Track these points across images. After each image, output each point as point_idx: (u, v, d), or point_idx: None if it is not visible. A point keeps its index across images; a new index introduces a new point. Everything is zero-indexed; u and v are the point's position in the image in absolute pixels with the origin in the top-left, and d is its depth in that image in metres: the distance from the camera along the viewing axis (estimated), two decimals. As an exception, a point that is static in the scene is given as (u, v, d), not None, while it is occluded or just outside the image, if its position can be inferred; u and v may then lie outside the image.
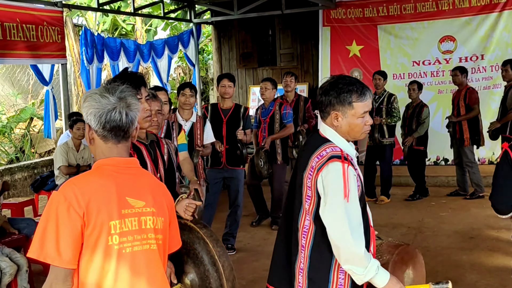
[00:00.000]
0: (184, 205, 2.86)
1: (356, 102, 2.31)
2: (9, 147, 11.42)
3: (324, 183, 2.24)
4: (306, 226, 2.34)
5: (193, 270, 2.80)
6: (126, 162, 1.98)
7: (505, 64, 7.43)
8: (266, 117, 6.43)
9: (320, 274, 2.32)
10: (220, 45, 11.90)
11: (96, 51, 8.71)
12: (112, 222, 1.86)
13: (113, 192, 1.88)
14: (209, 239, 2.72)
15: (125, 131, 1.94)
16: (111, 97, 1.91)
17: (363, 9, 9.81)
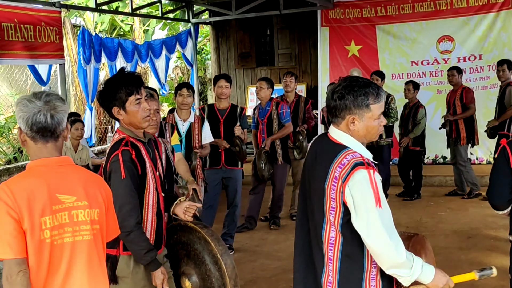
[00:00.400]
0: (183, 207, 2.86)
1: (373, 104, 2.25)
2: (7, 148, 11.41)
3: (352, 193, 2.15)
4: (332, 238, 2.25)
5: (194, 271, 2.81)
6: (57, 161, 2.14)
7: (501, 64, 7.46)
8: (263, 117, 6.41)
9: (353, 285, 2.25)
10: (218, 45, 11.90)
11: (94, 51, 8.70)
12: (43, 218, 2.02)
13: (44, 190, 2.03)
14: (210, 238, 2.72)
15: (52, 132, 2.10)
16: (38, 101, 2.09)
17: (361, 9, 9.82)
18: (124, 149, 2.66)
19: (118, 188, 2.62)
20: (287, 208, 7.19)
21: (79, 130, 6.56)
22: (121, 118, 2.75)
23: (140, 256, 2.68)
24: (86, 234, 2.13)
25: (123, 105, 2.72)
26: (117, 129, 2.83)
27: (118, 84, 2.72)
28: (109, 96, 2.73)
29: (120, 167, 2.63)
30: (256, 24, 11.39)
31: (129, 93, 2.71)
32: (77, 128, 6.54)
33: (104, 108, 2.80)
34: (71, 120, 6.64)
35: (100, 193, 2.22)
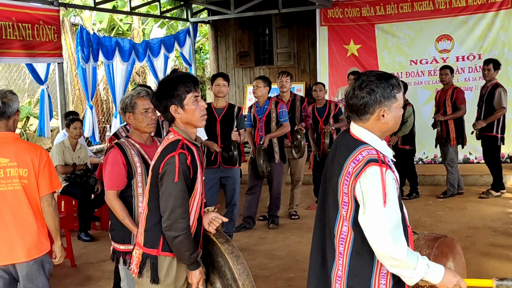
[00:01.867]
0: (209, 217, 2.84)
1: (398, 93, 2.28)
2: (6, 147, 11.38)
3: (362, 189, 2.16)
4: (344, 233, 2.27)
5: (218, 280, 2.80)
6: (2, 136, 3.17)
7: (487, 63, 7.48)
8: (262, 115, 6.39)
9: (361, 281, 2.25)
10: (217, 44, 11.89)
11: (92, 50, 8.69)
12: None
13: None
14: (229, 256, 2.69)
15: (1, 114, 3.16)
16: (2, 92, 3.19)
17: (360, 8, 9.83)
18: (181, 152, 2.63)
19: (171, 191, 2.61)
20: (285, 207, 7.19)
21: (78, 129, 6.54)
22: (178, 116, 2.71)
23: (185, 257, 2.67)
24: (16, 185, 3.12)
25: (181, 103, 2.68)
26: (171, 129, 2.78)
27: (176, 82, 2.70)
28: (166, 94, 2.69)
29: (175, 169, 2.60)
30: (255, 23, 11.39)
31: (188, 91, 2.69)
32: (76, 127, 6.52)
33: (159, 108, 2.75)
34: (69, 119, 6.63)
35: (31, 158, 3.17)
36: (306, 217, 7.03)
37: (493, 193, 7.53)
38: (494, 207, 7.07)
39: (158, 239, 2.71)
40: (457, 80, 8.97)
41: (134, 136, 3.41)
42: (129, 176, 3.28)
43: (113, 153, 3.30)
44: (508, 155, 9.18)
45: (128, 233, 3.30)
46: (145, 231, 2.75)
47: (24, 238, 3.15)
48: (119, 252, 3.38)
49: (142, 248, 2.75)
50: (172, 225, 2.60)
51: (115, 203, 3.26)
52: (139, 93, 3.37)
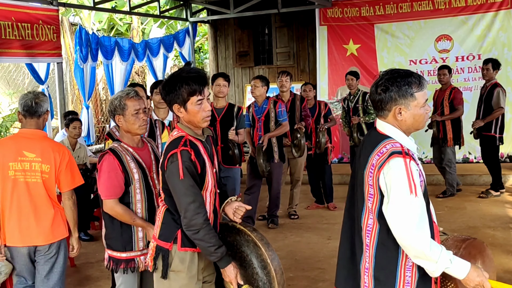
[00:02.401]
0: (233, 207, 2.83)
1: (418, 92, 2.29)
2: (5, 146, 11.38)
3: (386, 180, 2.21)
4: (370, 225, 2.31)
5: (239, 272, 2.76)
6: (31, 132, 3.56)
7: (487, 63, 7.48)
8: (261, 115, 6.38)
9: (387, 272, 2.29)
10: (217, 44, 11.89)
11: (91, 50, 8.68)
12: (11, 163, 3.47)
13: (13, 148, 3.49)
14: (261, 243, 2.69)
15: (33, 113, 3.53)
16: (30, 94, 3.57)
17: (359, 8, 9.83)
18: (183, 149, 2.61)
19: (179, 189, 2.60)
20: (285, 207, 7.19)
21: (77, 129, 6.53)
22: (181, 115, 2.70)
23: (210, 252, 2.63)
24: (38, 178, 3.50)
25: (184, 103, 2.66)
26: (176, 125, 2.77)
27: (181, 81, 2.64)
28: (170, 92, 2.67)
29: (178, 167, 2.58)
30: (254, 23, 11.38)
31: (192, 93, 2.64)
32: (75, 126, 6.52)
33: (165, 102, 2.75)
34: (68, 119, 6.63)
35: (54, 157, 3.51)
36: (305, 217, 7.03)
37: (493, 193, 7.53)
38: (493, 207, 7.08)
39: (173, 234, 2.70)
40: (456, 80, 8.98)
41: (125, 140, 3.25)
42: (126, 182, 3.16)
43: (109, 160, 3.14)
44: (508, 154, 9.18)
45: (129, 240, 3.21)
46: (162, 223, 2.74)
47: (41, 225, 3.52)
48: (119, 260, 3.24)
49: (157, 241, 2.74)
50: (189, 222, 2.60)
51: (119, 208, 3.14)
52: (128, 93, 3.21)
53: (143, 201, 3.21)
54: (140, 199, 3.19)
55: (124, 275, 3.25)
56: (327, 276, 4.86)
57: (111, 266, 3.27)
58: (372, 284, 2.31)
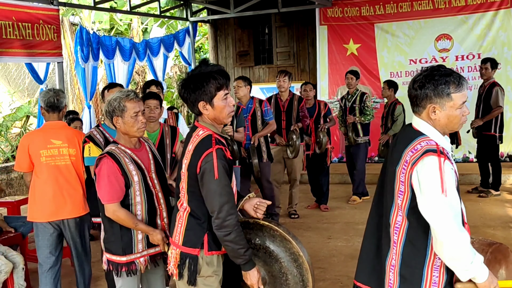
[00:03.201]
0: (253, 204, 2.76)
1: (455, 93, 2.21)
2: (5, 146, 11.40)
3: (419, 178, 2.16)
4: (398, 222, 2.27)
5: (262, 268, 2.73)
6: (56, 124, 4.14)
7: (485, 62, 7.49)
8: (247, 115, 6.26)
9: (413, 271, 2.25)
10: (217, 44, 11.90)
11: (92, 49, 8.68)
12: (42, 151, 4.04)
13: (42, 137, 4.08)
14: (289, 236, 2.66)
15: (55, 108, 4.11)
16: (50, 91, 4.12)
17: (359, 7, 9.84)
18: (218, 147, 2.54)
19: (215, 189, 2.51)
20: (285, 206, 7.19)
21: (78, 129, 6.54)
22: (206, 113, 2.60)
23: (239, 255, 2.56)
24: (67, 160, 4.09)
25: (210, 99, 2.58)
26: (198, 124, 2.67)
27: (208, 77, 2.56)
28: (196, 89, 2.57)
29: (214, 166, 2.50)
30: (254, 23, 11.39)
31: (219, 87, 2.58)
32: (76, 126, 6.53)
33: (186, 101, 2.63)
34: (69, 119, 6.64)
35: (78, 141, 4.11)
36: (305, 217, 7.04)
37: (493, 192, 7.54)
38: (493, 206, 7.08)
39: (200, 239, 2.62)
40: (456, 80, 8.98)
41: (122, 141, 3.18)
42: (126, 185, 3.10)
43: (107, 164, 3.06)
44: (508, 154, 9.19)
45: (129, 243, 3.16)
46: (186, 230, 2.64)
47: (73, 200, 4.09)
48: (120, 264, 3.18)
49: (181, 247, 2.65)
50: (222, 223, 2.52)
51: (121, 213, 3.07)
52: (127, 95, 3.14)
53: (143, 203, 3.15)
54: (140, 201, 3.14)
55: (124, 278, 3.20)
56: (327, 276, 4.86)
57: (110, 269, 3.21)
58: (397, 281, 2.27)
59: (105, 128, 3.98)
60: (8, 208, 6.38)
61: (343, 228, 6.44)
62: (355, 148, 7.49)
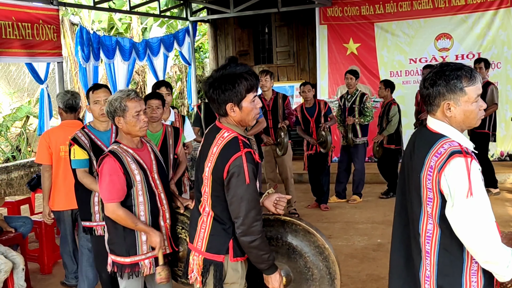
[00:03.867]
0: (273, 200, 2.70)
1: (468, 87, 2.12)
2: (5, 146, 11.41)
3: (448, 183, 2.06)
4: (430, 231, 2.16)
5: (285, 265, 2.69)
6: (72, 122, 4.53)
7: (479, 62, 7.52)
8: None
9: (451, 280, 2.15)
10: (217, 43, 11.90)
11: (92, 49, 8.69)
12: (61, 146, 4.41)
13: (61, 133, 4.44)
14: (313, 229, 2.61)
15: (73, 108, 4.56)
16: (68, 94, 4.59)
17: (359, 7, 9.84)
18: (247, 151, 2.46)
19: (243, 194, 2.42)
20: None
21: (78, 128, 6.54)
22: (233, 115, 2.49)
23: (262, 260, 2.49)
24: None
25: (239, 101, 2.46)
26: (221, 124, 2.56)
27: (239, 77, 2.44)
28: (226, 90, 2.44)
29: (244, 171, 2.41)
30: (254, 22, 11.39)
31: (249, 89, 2.47)
32: (75, 126, 6.52)
33: (213, 101, 2.50)
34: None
35: None
36: (306, 216, 7.04)
37: (492, 191, 7.55)
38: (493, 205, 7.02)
39: (225, 245, 2.52)
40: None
41: (124, 141, 3.15)
42: (128, 185, 3.06)
43: (110, 163, 3.04)
44: (508, 153, 9.19)
45: (133, 244, 3.11)
46: (210, 235, 2.55)
47: None
48: (124, 265, 3.14)
49: (204, 254, 2.56)
50: (248, 229, 2.42)
51: (121, 212, 3.03)
52: (128, 95, 3.10)
53: (145, 203, 3.11)
54: (143, 201, 3.10)
55: (128, 280, 3.15)
56: (327, 275, 4.86)
57: (116, 271, 3.17)
58: None
59: (90, 129, 3.92)
60: (9, 208, 6.39)
61: (343, 228, 6.44)
62: (353, 149, 7.49)
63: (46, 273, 5.33)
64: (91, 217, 3.90)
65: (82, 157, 3.80)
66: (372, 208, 7.26)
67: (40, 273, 5.34)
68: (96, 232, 3.91)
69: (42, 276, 5.29)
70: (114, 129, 3.95)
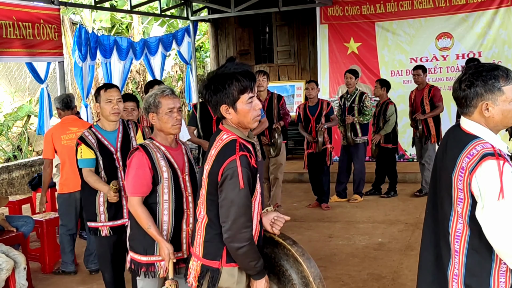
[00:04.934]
0: (270, 218, 2.62)
1: (505, 86, 2.14)
2: (7, 145, 11.41)
3: (479, 184, 2.06)
4: (459, 230, 2.18)
5: (275, 286, 2.63)
6: (70, 117, 5.27)
7: (468, 63, 7.53)
8: None
9: (479, 279, 2.16)
10: (217, 43, 11.90)
11: (90, 48, 8.68)
12: (62, 136, 5.07)
13: (62, 127, 5.16)
14: (302, 259, 2.51)
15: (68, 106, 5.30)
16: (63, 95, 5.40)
17: (360, 6, 9.84)
18: (242, 154, 2.38)
19: (233, 198, 2.36)
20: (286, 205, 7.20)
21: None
22: (229, 117, 2.45)
23: (250, 267, 2.46)
24: None
25: (233, 103, 2.41)
26: (222, 127, 2.51)
27: (230, 79, 2.39)
28: (218, 92, 2.41)
29: (238, 175, 2.34)
30: (255, 21, 11.39)
31: (242, 91, 2.41)
32: (76, 125, 6.53)
33: (208, 103, 2.48)
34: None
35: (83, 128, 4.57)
36: (307, 215, 7.04)
37: None
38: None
39: (220, 250, 2.48)
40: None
41: (158, 138, 3.11)
42: (154, 181, 3.01)
43: (138, 156, 3.01)
44: (509, 152, 9.19)
45: (151, 243, 3.05)
46: (205, 241, 2.51)
47: None
48: (140, 264, 3.09)
49: (201, 259, 2.53)
50: (235, 235, 2.37)
51: (140, 210, 2.99)
52: (163, 91, 3.09)
53: (170, 202, 3.05)
54: (168, 199, 3.04)
55: (145, 279, 3.10)
56: (328, 274, 4.87)
57: (133, 268, 3.12)
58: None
59: (97, 129, 3.91)
60: (10, 208, 6.40)
61: (344, 227, 6.45)
62: (353, 148, 7.49)
63: (47, 272, 5.34)
64: (96, 217, 3.90)
65: (89, 157, 3.84)
66: (373, 208, 7.26)
67: (41, 273, 5.35)
68: (101, 233, 3.89)
69: (44, 275, 5.30)
70: (121, 130, 3.96)
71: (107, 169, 3.88)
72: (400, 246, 5.60)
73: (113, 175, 3.87)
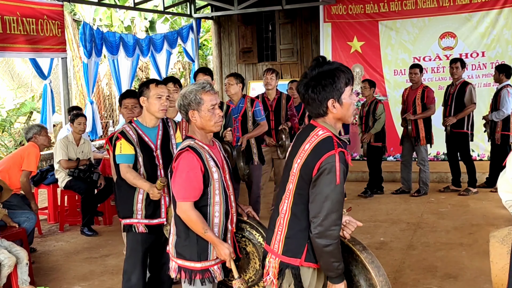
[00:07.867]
0: (342, 222, 2.50)
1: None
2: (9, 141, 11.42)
3: None
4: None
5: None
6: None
7: (455, 62, 7.59)
8: (237, 115, 5.89)
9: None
10: (220, 40, 11.89)
11: (95, 45, 8.69)
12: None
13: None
14: (370, 266, 2.42)
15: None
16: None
17: (364, 5, 9.83)
18: (341, 150, 2.33)
19: (329, 193, 2.31)
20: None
21: (82, 125, 6.56)
22: (334, 111, 2.39)
23: (332, 268, 2.37)
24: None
25: (339, 96, 2.36)
26: (316, 123, 2.45)
27: (337, 71, 2.36)
28: (327, 86, 2.35)
29: (335, 170, 2.30)
30: (258, 19, 11.38)
31: (347, 83, 2.37)
32: (80, 122, 6.54)
33: (314, 101, 2.40)
34: (73, 114, 6.66)
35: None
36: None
37: (472, 190, 7.61)
38: (496, 205, 7.08)
39: (301, 248, 2.41)
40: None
41: (198, 137, 2.92)
42: (205, 183, 2.84)
43: (188, 158, 2.80)
44: (511, 152, 9.17)
45: (206, 248, 2.88)
46: (286, 237, 2.44)
47: None
48: (194, 271, 2.88)
49: (280, 257, 2.44)
50: (325, 232, 2.31)
51: (193, 214, 2.80)
52: (203, 87, 2.91)
53: (221, 204, 2.90)
54: (219, 201, 2.89)
55: (199, 286, 2.91)
56: (330, 272, 4.87)
57: (184, 277, 2.90)
58: None
59: (138, 124, 3.73)
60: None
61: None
62: None
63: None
64: (133, 214, 3.72)
65: (128, 152, 3.65)
66: (375, 207, 7.26)
67: (43, 269, 5.35)
68: (136, 229, 3.73)
69: (45, 271, 5.30)
70: (161, 127, 3.79)
71: (147, 166, 3.69)
72: (402, 245, 5.60)
73: (153, 173, 3.70)
